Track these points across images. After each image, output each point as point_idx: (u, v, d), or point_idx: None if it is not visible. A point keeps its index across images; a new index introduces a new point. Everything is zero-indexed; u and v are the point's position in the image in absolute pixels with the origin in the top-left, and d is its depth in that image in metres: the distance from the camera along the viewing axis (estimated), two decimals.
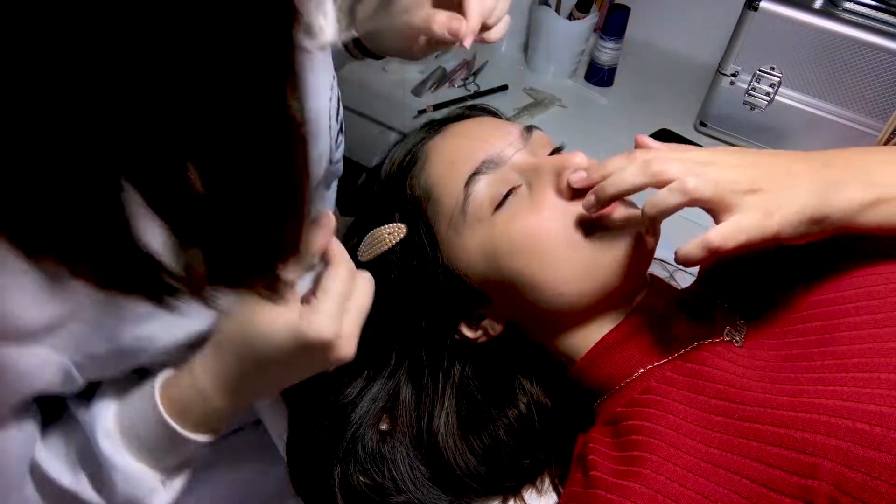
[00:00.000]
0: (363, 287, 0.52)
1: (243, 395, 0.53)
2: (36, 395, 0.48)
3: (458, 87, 1.29)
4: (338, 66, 0.77)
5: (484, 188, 0.59)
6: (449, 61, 1.33)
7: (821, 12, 1.00)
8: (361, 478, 0.61)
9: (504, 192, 0.58)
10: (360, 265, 0.63)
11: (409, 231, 0.61)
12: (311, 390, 0.66)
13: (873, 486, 0.43)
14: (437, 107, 1.21)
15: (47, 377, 0.46)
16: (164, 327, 0.49)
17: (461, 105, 0.73)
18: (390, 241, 0.61)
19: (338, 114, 0.69)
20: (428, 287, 0.61)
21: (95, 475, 0.52)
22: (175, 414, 0.51)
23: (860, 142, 0.94)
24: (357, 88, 1.21)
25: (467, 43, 0.58)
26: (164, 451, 0.52)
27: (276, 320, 0.48)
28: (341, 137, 0.72)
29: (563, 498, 0.57)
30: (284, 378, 0.53)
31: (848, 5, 1.00)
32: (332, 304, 0.48)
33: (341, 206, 0.81)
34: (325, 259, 0.51)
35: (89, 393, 0.53)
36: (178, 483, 0.55)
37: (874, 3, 1.00)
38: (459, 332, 0.63)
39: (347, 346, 0.50)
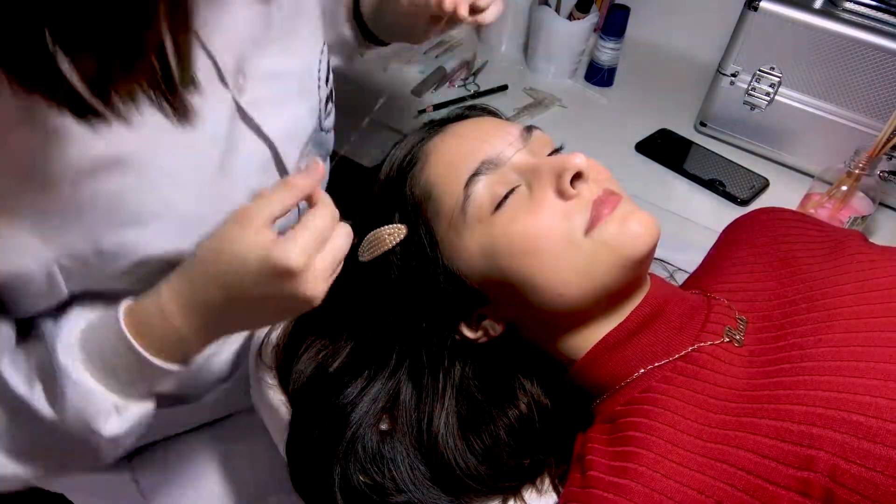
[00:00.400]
0: (342, 234, 0.51)
1: (206, 319, 0.51)
2: (16, 287, 0.49)
3: (458, 87, 1.29)
4: (348, 58, 0.79)
5: (484, 189, 0.59)
6: (449, 61, 1.33)
7: (821, 12, 1.00)
8: (361, 477, 0.61)
9: (504, 193, 0.58)
10: (360, 266, 0.63)
11: (409, 231, 0.61)
12: (312, 390, 0.66)
13: (869, 478, 0.44)
14: (437, 107, 1.21)
15: (29, 269, 0.47)
16: (146, 238, 0.50)
17: (461, 105, 0.73)
18: (390, 242, 0.61)
19: (327, 81, 0.71)
20: (428, 287, 0.61)
21: (50, 387, 0.51)
22: (136, 333, 0.50)
23: (860, 142, 0.94)
24: (358, 89, 1.21)
25: (462, 11, 0.60)
26: (122, 371, 0.51)
27: (246, 240, 0.48)
28: (331, 106, 0.74)
29: (561, 498, 0.57)
30: (249, 307, 0.51)
31: (848, 5, 1.00)
32: (308, 237, 0.48)
33: (341, 208, 0.81)
34: (310, 203, 0.52)
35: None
36: (133, 412, 0.53)
37: (874, 3, 1.00)
38: (460, 333, 0.63)
39: (315, 285, 0.49)
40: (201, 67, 0.54)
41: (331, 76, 0.73)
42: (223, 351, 0.78)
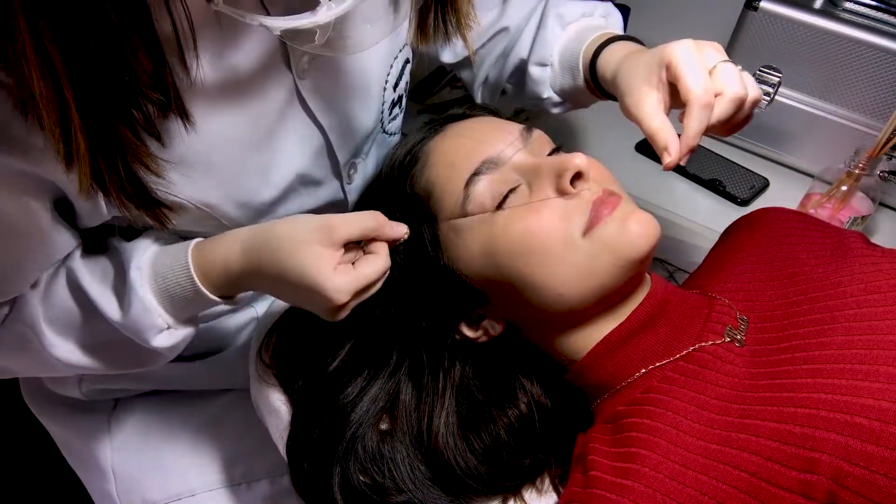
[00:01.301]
0: (381, 282, 0.57)
1: (258, 282, 0.58)
2: (71, 200, 0.55)
3: (459, 87, 1.29)
4: (584, 103, 0.82)
5: (484, 188, 0.59)
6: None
7: (821, 12, 1.00)
8: (361, 477, 0.61)
9: (504, 193, 0.58)
10: None
11: (410, 231, 0.61)
12: (312, 390, 0.66)
13: (872, 480, 0.44)
14: (436, 107, 1.21)
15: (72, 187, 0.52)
16: (181, 182, 0.55)
17: (461, 105, 0.73)
18: None
19: (396, 86, 0.72)
20: (428, 287, 0.61)
21: (120, 296, 0.58)
22: (199, 269, 0.57)
23: (860, 142, 0.94)
24: None
25: (665, 165, 0.58)
26: (179, 297, 0.58)
27: (315, 251, 0.53)
28: (397, 111, 0.75)
29: (562, 498, 0.57)
30: (293, 297, 0.59)
31: (848, 5, 1.00)
32: (360, 283, 0.54)
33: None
34: (373, 246, 0.57)
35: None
36: (181, 333, 0.61)
37: (874, 3, 1.00)
38: (460, 332, 0.63)
39: (343, 314, 0.56)
40: (270, 45, 0.56)
41: (403, 82, 0.73)
42: (227, 321, 0.79)
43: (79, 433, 0.86)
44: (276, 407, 0.69)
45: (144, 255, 0.59)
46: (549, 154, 0.62)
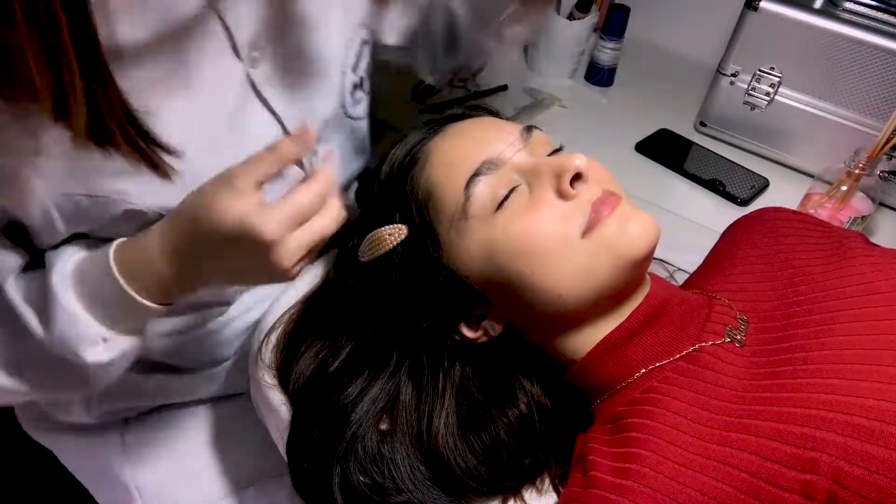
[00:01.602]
0: (328, 216, 0.51)
1: (183, 266, 0.53)
2: (19, 219, 0.53)
3: (458, 86, 1.29)
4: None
5: (484, 189, 0.59)
6: None
7: (821, 12, 1.00)
8: (361, 477, 0.61)
9: (504, 193, 0.58)
10: (360, 266, 0.63)
11: (410, 232, 0.61)
12: (312, 391, 0.66)
13: (871, 480, 0.44)
14: (436, 107, 1.21)
15: (26, 204, 0.50)
16: (138, 190, 0.53)
17: (461, 105, 0.73)
18: (391, 242, 0.61)
19: (355, 68, 0.70)
20: (428, 288, 0.61)
21: (42, 308, 0.53)
22: (123, 269, 0.52)
23: (860, 142, 0.94)
24: None
25: None
26: (110, 305, 0.53)
27: (227, 199, 0.48)
28: (360, 94, 0.74)
29: (562, 498, 0.57)
30: (223, 264, 0.53)
31: (848, 5, 1.00)
32: (287, 211, 0.49)
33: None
34: (307, 175, 0.52)
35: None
36: (119, 344, 0.55)
37: (874, 3, 1.00)
38: (459, 333, 0.63)
39: (286, 258, 0.49)
40: (215, 37, 0.55)
41: (363, 65, 0.72)
42: (224, 329, 0.78)
43: (93, 455, 0.85)
44: (276, 407, 0.69)
45: (70, 260, 0.54)
46: (549, 154, 0.62)
